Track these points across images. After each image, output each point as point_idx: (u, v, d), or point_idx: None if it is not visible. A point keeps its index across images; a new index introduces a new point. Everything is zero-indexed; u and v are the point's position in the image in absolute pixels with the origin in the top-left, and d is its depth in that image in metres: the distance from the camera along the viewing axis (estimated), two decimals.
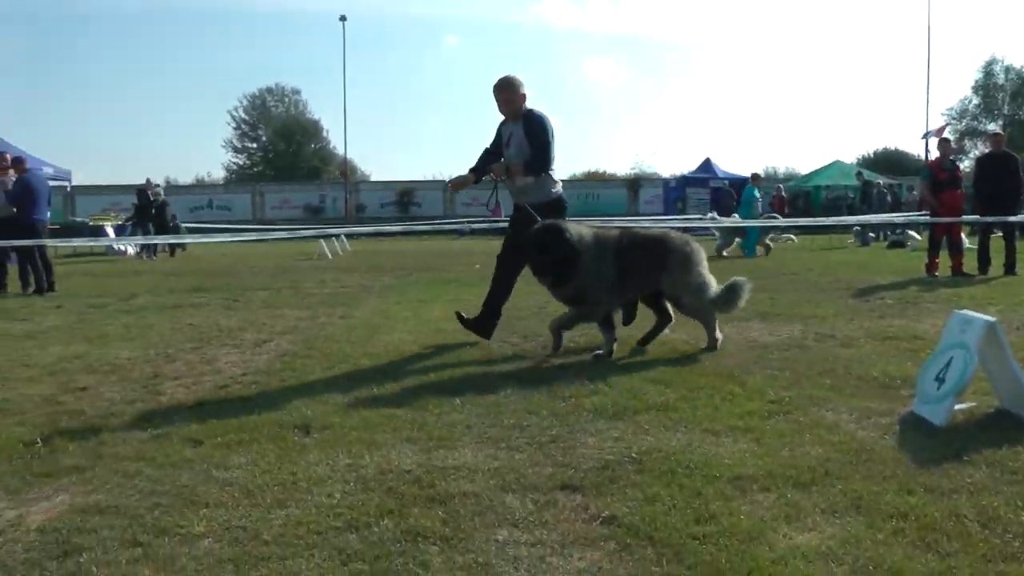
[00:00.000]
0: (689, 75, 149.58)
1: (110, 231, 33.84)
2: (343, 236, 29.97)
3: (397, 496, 4.50)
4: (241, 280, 18.97)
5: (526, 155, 9.00)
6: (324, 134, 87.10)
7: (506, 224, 9.57)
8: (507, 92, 9.13)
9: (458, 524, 4.11)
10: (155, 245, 28.55)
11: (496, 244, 9.85)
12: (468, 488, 4.60)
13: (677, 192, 49.87)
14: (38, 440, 5.91)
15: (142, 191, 31.40)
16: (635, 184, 59.25)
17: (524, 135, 9.03)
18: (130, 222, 34.09)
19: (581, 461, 5.06)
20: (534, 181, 9.11)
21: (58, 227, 29.17)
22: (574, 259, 8.24)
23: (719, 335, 8.67)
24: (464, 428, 5.84)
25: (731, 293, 8.62)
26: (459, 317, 9.43)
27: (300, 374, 7.82)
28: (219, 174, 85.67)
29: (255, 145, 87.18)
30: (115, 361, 8.74)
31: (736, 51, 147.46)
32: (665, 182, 55.34)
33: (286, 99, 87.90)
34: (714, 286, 8.63)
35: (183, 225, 35.13)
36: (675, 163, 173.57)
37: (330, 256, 26.95)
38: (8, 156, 18.80)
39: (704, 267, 8.65)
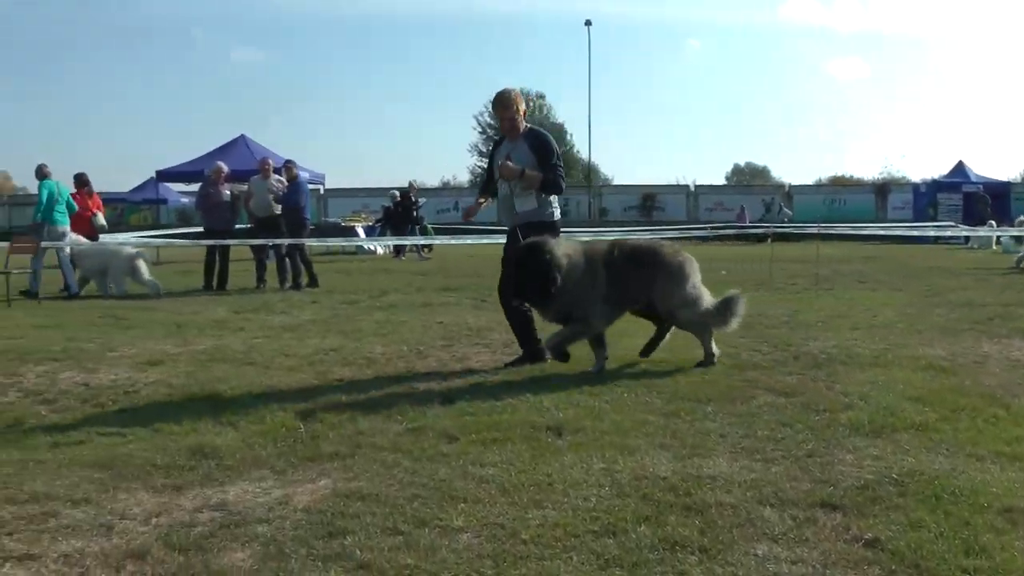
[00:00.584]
0: (940, 73, 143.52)
1: (361, 231, 35.03)
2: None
3: (653, 503, 4.49)
4: (488, 280, 19.17)
5: (531, 168, 8.53)
6: (568, 138, 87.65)
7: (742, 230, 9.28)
8: (509, 109, 8.68)
9: (716, 535, 4.06)
10: (408, 244, 29.35)
11: (743, 251, 9.68)
12: (725, 499, 4.54)
13: (927, 198, 47.79)
14: (300, 426, 6.24)
15: (404, 193, 32.37)
16: (883, 189, 56.94)
17: (530, 152, 8.58)
18: (378, 223, 35.25)
19: (840, 479, 4.92)
20: (536, 203, 8.65)
21: (313, 227, 30.39)
22: (553, 281, 7.89)
23: (716, 350, 8.41)
24: (718, 437, 5.78)
25: (726, 307, 8.45)
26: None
27: (550, 375, 7.91)
28: (464, 177, 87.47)
29: None
30: (369, 355, 9.04)
31: (990, 46, 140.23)
32: (915, 187, 53.06)
33: (531, 104, 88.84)
34: (707, 300, 8.44)
35: (430, 226, 36.00)
36: (926, 167, 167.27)
37: None
38: (269, 160, 19.76)
39: (696, 280, 8.44)
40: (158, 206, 52.04)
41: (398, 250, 30.68)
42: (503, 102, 8.67)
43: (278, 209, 18.62)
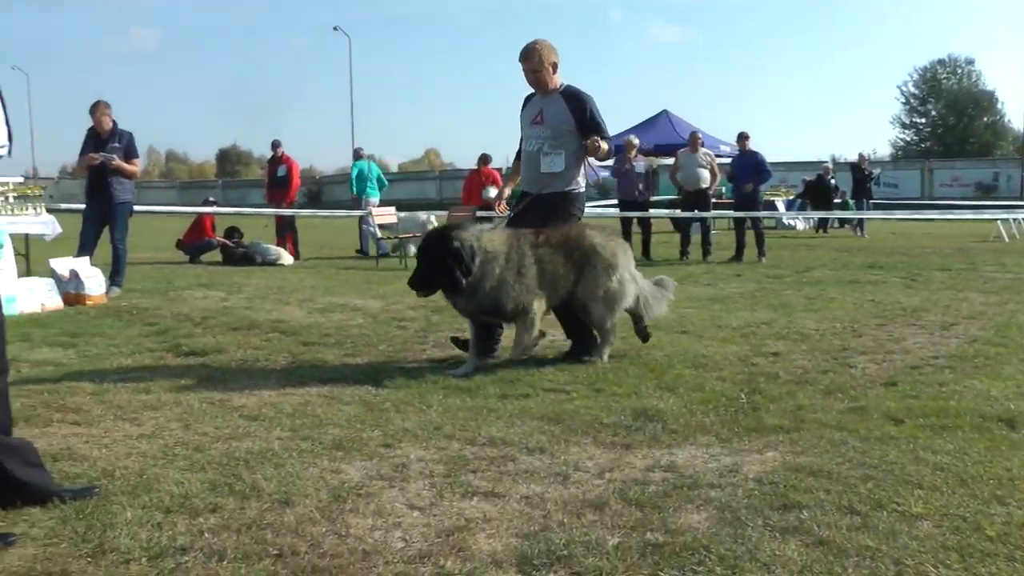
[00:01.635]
0: None
1: (780, 205, 34.72)
2: (1021, 219, 28.13)
3: None
4: (916, 259, 18.59)
5: (567, 128, 7.90)
6: (998, 106, 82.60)
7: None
8: (532, 61, 7.84)
9: None
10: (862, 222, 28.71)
11: None
12: None
13: None
14: (742, 396, 6.30)
15: (856, 166, 31.90)
16: None
17: (568, 111, 7.87)
18: (799, 197, 34.93)
19: None
20: (564, 164, 7.90)
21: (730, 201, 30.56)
22: (466, 271, 7.06)
23: (605, 356, 7.69)
24: None
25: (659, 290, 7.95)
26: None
27: (995, 363, 7.45)
28: (885, 151, 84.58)
29: (924, 120, 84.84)
30: (802, 330, 8.93)
31: None
32: None
33: (959, 71, 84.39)
34: (631, 296, 7.67)
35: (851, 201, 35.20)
36: None
37: (1007, 238, 25.48)
38: (699, 134, 20.04)
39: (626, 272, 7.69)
40: None
41: (820, 224, 30.41)
42: (527, 54, 7.88)
43: (705, 182, 18.83)
